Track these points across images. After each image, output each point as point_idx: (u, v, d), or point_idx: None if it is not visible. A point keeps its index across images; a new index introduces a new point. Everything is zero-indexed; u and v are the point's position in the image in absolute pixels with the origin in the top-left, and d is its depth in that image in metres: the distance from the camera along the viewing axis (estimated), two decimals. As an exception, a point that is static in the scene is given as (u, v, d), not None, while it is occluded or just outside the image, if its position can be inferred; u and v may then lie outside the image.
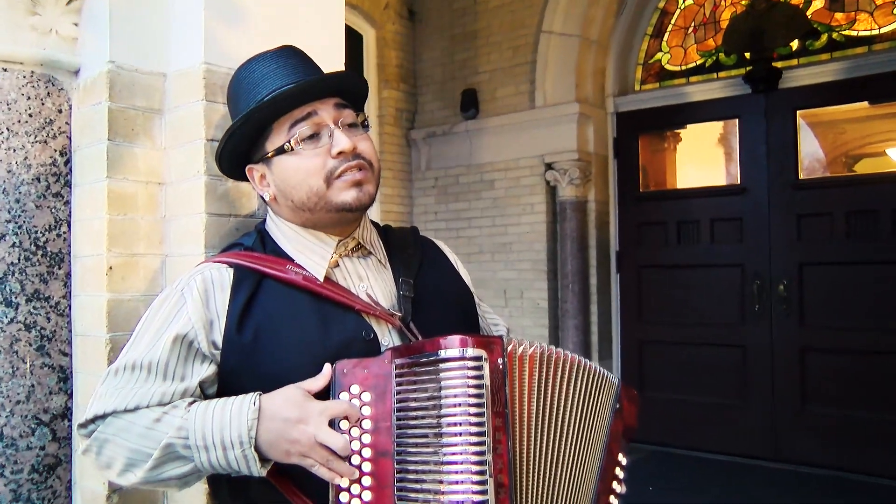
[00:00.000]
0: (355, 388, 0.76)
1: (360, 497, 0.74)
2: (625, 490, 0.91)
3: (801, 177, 3.26)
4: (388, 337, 0.85)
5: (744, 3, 3.41)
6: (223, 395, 0.80)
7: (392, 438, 0.74)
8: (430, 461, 0.72)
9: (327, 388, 0.77)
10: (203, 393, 0.81)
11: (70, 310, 1.09)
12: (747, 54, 3.31)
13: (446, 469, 0.72)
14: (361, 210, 0.87)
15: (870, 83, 3.07)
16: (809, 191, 3.24)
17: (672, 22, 3.70)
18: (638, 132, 3.74)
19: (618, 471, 0.90)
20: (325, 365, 0.77)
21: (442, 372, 0.74)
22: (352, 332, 0.83)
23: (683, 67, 3.65)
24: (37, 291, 1.06)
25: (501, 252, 3.78)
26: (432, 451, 0.72)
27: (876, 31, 3.13)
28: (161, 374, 0.78)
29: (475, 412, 0.72)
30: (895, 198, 3.01)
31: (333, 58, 1.19)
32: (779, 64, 3.29)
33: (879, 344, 3.01)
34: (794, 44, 3.29)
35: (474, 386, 0.73)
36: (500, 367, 0.75)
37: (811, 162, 3.37)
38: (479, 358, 0.74)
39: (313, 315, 0.82)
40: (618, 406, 0.91)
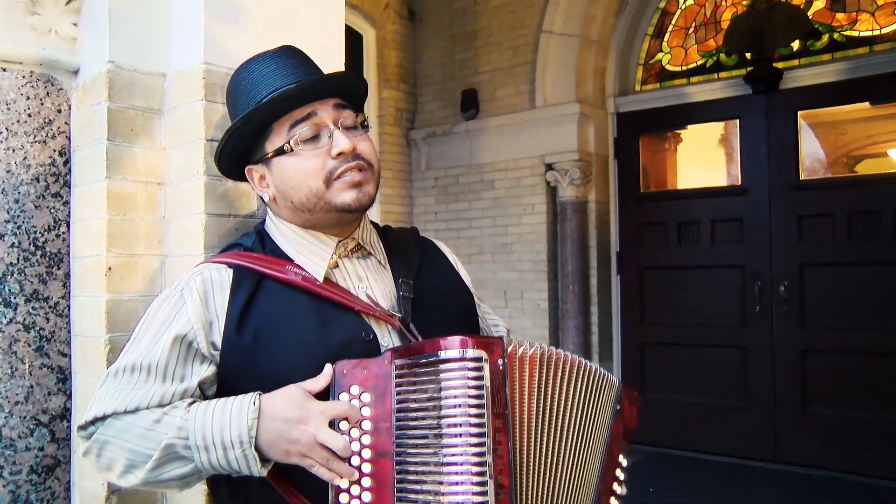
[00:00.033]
0: (355, 389, 0.76)
1: (359, 498, 0.73)
2: (625, 491, 0.91)
3: (801, 177, 3.26)
4: (387, 338, 0.85)
5: (744, 3, 3.41)
6: (222, 396, 0.79)
7: (392, 439, 0.74)
8: (429, 462, 0.72)
9: (327, 389, 0.77)
10: (202, 394, 0.81)
11: (69, 310, 1.09)
12: (748, 55, 3.30)
13: (446, 470, 0.72)
14: (361, 211, 0.87)
15: (871, 84, 3.06)
16: (810, 191, 3.24)
17: (673, 22, 3.70)
18: (638, 132, 3.74)
19: (618, 472, 0.90)
20: (326, 365, 0.77)
21: (442, 373, 0.74)
22: (351, 333, 0.82)
23: (684, 68, 3.65)
24: (36, 292, 1.06)
25: (502, 252, 3.78)
26: (432, 452, 0.72)
27: (877, 32, 3.13)
28: (160, 375, 0.78)
29: (475, 413, 0.72)
30: (896, 198, 3.01)
31: (333, 58, 1.19)
32: (780, 64, 3.28)
33: (880, 345, 3.01)
34: (795, 44, 3.29)
35: (474, 387, 0.73)
36: (501, 367, 0.75)
37: (812, 163, 3.37)
38: (479, 359, 0.74)
39: (313, 316, 0.82)
40: (618, 407, 0.91)
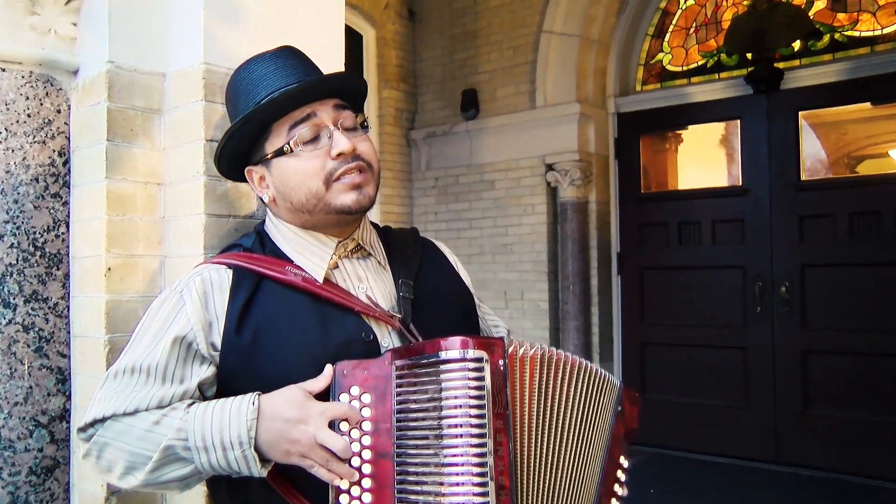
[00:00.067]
0: (355, 390, 0.76)
1: (360, 499, 0.73)
2: (626, 492, 0.90)
3: (802, 178, 3.25)
4: (387, 338, 0.84)
5: (745, 3, 3.41)
6: (222, 397, 0.79)
7: (392, 440, 0.74)
8: (430, 463, 0.72)
9: (328, 390, 0.76)
10: (202, 395, 0.81)
11: (68, 311, 1.09)
12: (749, 55, 3.30)
13: (447, 471, 0.71)
14: (361, 213, 0.87)
15: (872, 84, 3.06)
16: (811, 192, 3.23)
17: (673, 22, 3.69)
18: (639, 133, 3.73)
19: (619, 473, 0.90)
20: (326, 366, 0.77)
21: (443, 373, 0.74)
22: (351, 334, 0.82)
23: (685, 68, 3.64)
24: (35, 292, 1.06)
25: (502, 253, 3.77)
26: (433, 453, 0.72)
27: (878, 32, 3.12)
28: (160, 377, 0.78)
29: (476, 414, 0.72)
30: (897, 199, 3.01)
31: (333, 58, 1.19)
32: (780, 65, 3.28)
33: (882, 346, 3.00)
34: (796, 44, 3.29)
35: (475, 387, 0.73)
36: (501, 368, 0.75)
37: (813, 163, 3.36)
38: (480, 359, 0.74)
39: (312, 316, 0.82)
40: (619, 408, 0.91)
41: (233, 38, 1.06)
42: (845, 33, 3.20)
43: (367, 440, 0.74)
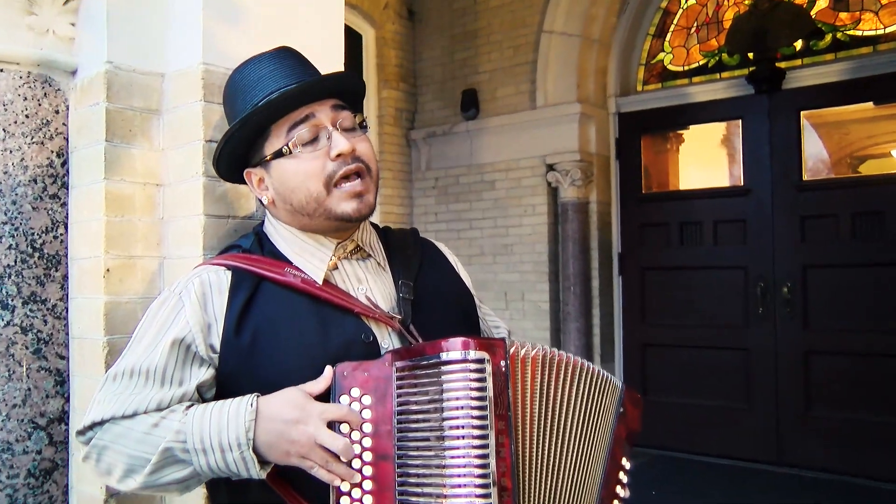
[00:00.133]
0: (355, 392, 0.75)
1: (360, 501, 0.73)
2: (628, 494, 0.90)
3: (804, 178, 3.25)
4: (387, 339, 0.84)
5: (747, 2, 3.40)
6: (222, 399, 0.79)
7: (393, 442, 0.73)
8: (431, 465, 0.72)
9: (328, 391, 0.76)
10: (201, 397, 0.80)
11: (67, 312, 1.09)
12: (750, 54, 3.29)
13: (449, 472, 0.71)
14: (361, 220, 0.87)
15: (874, 83, 3.05)
16: (813, 192, 3.22)
17: (674, 22, 3.69)
18: (640, 133, 3.72)
19: (621, 475, 0.89)
20: (326, 367, 0.77)
21: (444, 375, 0.73)
22: (351, 335, 0.82)
23: (686, 68, 3.63)
24: (33, 294, 1.05)
25: (502, 254, 3.77)
26: (434, 455, 0.72)
27: (881, 31, 3.11)
28: (159, 380, 0.78)
29: (478, 415, 0.72)
30: (900, 199, 3.00)
31: (333, 58, 1.19)
32: (782, 64, 3.27)
33: (884, 346, 2.99)
34: (798, 44, 3.28)
35: (476, 389, 0.72)
36: (503, 369, 0.75)
37: (815, 163, 3.36)
38: (481, 360, 0.73)
39: (312, 318, 0.82)
40: (621, 410, 0.90)
41: (232, 38, 1.06)
42: (847, 33, 3.19)
43: (367, 442, 0.74)
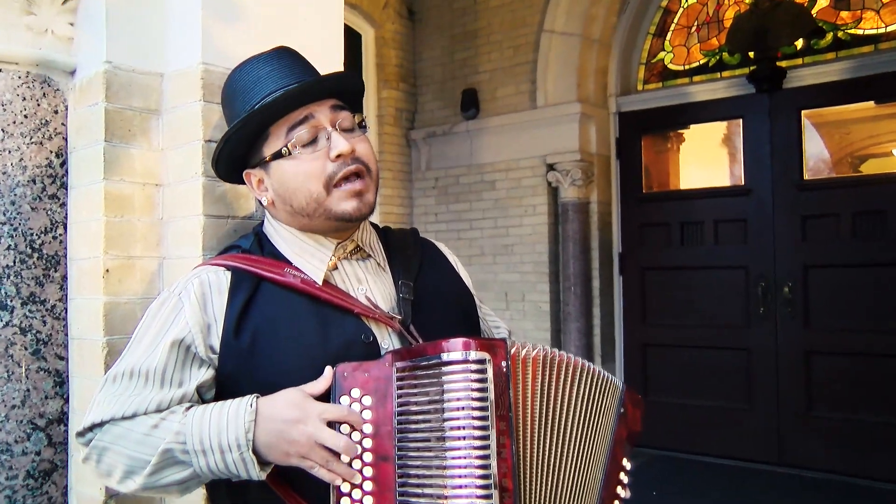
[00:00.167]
0: (356, 392, 0.75)
1: (361, 501, 0.73)
2: (629, 495, 0.90)
3: (805, 177, 3.24)
4: (387, 340, 0.84)
5: (747, 1, 3.39)
6: (221, 400, 0.79)
7: (393, 442, 0.73)
8: (432, 465, 0.72)
9: (328, 392, 0.76)
10: (201, 398, 0.80)
11: (66, 313, 1.08)
12: (751, 53, 3.29)
13: (449, 473, 0.71)
14: (361, 220, 0.87)
15: (875, 82, 3.04)
16: (814, 192, 3.22)
17: (675, 21, 3.68)
18: (641, 132, 3.72)
19: (622, 475, 0.89)
20: (326, 368, 0.76)
21: (444, 375, 0.73)
22: (351, 336, 0.82)
23: (686, 67, 3.63)
24: (32, 294, 1.05)
25: (503, 254, 3.76)
26: (434, 456, 0.72)
27: (882, 30, 3.11)
28: (158, 381, 0.78)
29: (479, 416, 0.72)
30: (901, 198, 2.99)
31: (332, 58, 1.18)
32: (783, 63, 3.27)
33: (886, 346, 2.99)
34: (799, 43, 3.27)
35: (478, 389, 0.72)
36: (504, 370, 0.75)
37: (816, 162, 3.35)
38: (482, 361, 0.73)
39: (312, 318, 0.81)
40: (622, 410, 0.90)
41: (231, 38, 1.06)
42: (848, 31, 3.19)
43: (367, 443, 0.74)
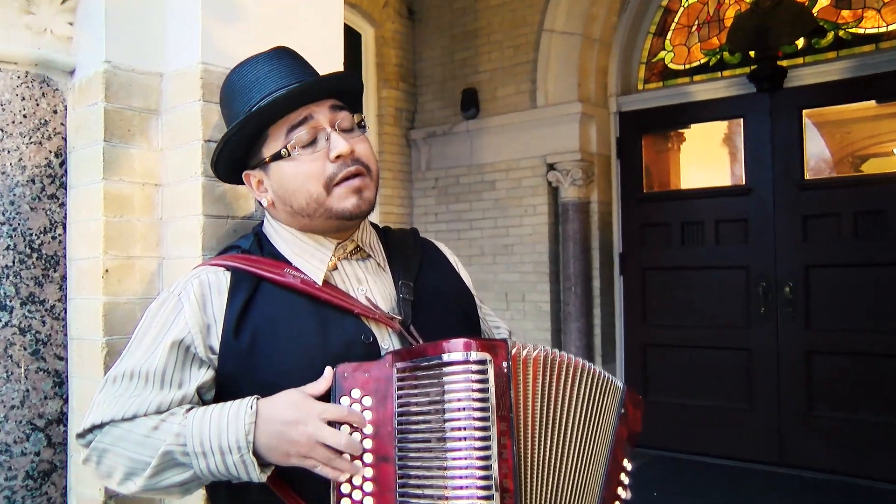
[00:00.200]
0: (356, 393, 0.75)
1: (361, 502, 0.72)
2: (630, 496, 0.90)
3: (806, 177, 3.23)
4: (387, 340, 0.83)
5: (748, 0, 3.39)
6: (221, 401, 0.79)
7: (394, 443, 0.73)
8: (433, 466, 0.71)
9: (328, 393, 0.76)
10: (200, 398, 0.80)
11: (65, 313, 1.08)
12: (752, 53, 3.28)
13: (450, 474, 0.71)
14: (361, 217, 0.86)
15: (877, 82, 3.04)
16: (815, 191, 3.21)
17: (675, 20, 3.68)
18: (641, 132, 3.71)
19: (622, 476, 0.89)
20: (326, 368, 0.76)
21: (445, 376, 0.73)
22: (351, 336, 0.81)
23: (687, 66, 3.62)
24: (32, 295, 1.05)
25: (503, 254, 3.76)
26: (435, 457, 0.72)
27: (883, 29, 3.10)
28: (158, 382, 0.77)
29: (479, 416, 0.72)
30: (902, 198, 2.98)
31: (332, 57, 1.18)
32: (784, 62, 3.26)
33: (887, 346, 2.98)
34: (800, 42, 3.27)
35: (479, 390, 0.72)
36: (505, 370, 0.74)
37: (817, 162, 3.35)
38: (483, 361, 0.73)
39: (312, 319, 0.81)
40: (623, 411, 0.90)
41: (231, 38, 1.05)
42: (850, 30, 3.18)
43: (367, 443, 0.73)
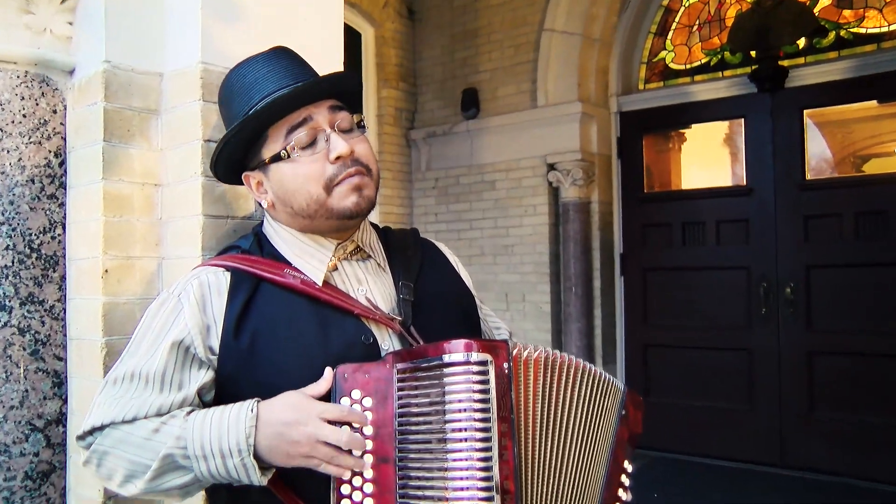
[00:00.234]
0: (356, 393, 0.75)
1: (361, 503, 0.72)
2: (630, 497, 0.90)
3: (808, 177, 3.23)
4: (388, 341, 0.83)
5: (749, 0, 3.38)
6: (220, 402, 0.79)
7: (394, 444, 0.73)
8: (433, 467, 0.71)
9: (328, 393, 0.76)
10: (200, 399, 0.80)
11: (65, 313, 1.08)
12: (753, 53, 3.28)
13: (451, 475, 0.71)
14: (361, 216, 0.86)
15: (878, 82, 3.03)
16: (817, 191, 3.20)
17: (676, 20, 3.67)
18: (642, 132, 3.71)
19: (623, 478, 0.89)
20: (326, 369, 0.76)
21: (446, 377, 0.73)
22: (351, 337, 0.81)
23: (688, 66, 3.62)
24: (31, 295, 1.05)
25: (503, 254, 3.75)
26: (435, 458, 0.71)
27: (885, 29, 3.09)
28: (158, 384, 0.77)
29: (480, 417, 0.71)
30: (904, 198, 2.98)
31: (332, 57, 1.18)
32: (785, 62, 3.26)
33: (888, 347, 2.98)
34: (801, 42, 3.26)
35: (479, 391, 0.72)
36: (506, 371, 0.74)
37: (818, 162, 3.34)
38: (484, 362, 0.73)
39: (312, 319, 0.81)
40: (623, 412, 0.90)
41: (231, 37, 1.05)
42: (851, 30, 3.17)
43: (368, 444, 0.73)
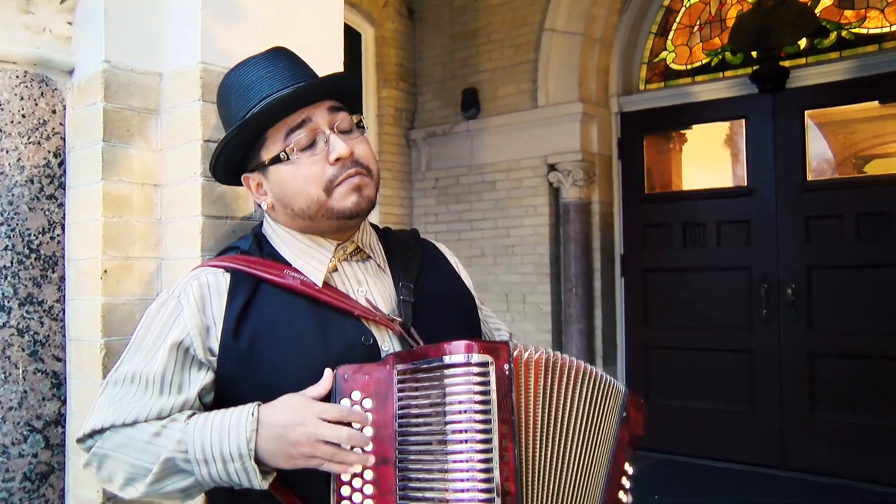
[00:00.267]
0: (356, 395, 0.75)
1: (361, 505, 0.72)
2: (631, 499, 0.89)
3: (809, 178, 3.22)
4: (388, 342, 0.83)
5: (750, 0, 3.38)
6: (220, 403, 0.79)
7: (394, 445, 0.73)
8: (433, 469, 0.71)
9: (328, 395, 0.75)
10: (200, 400, 0.80)
11: (64, 314, 1.08)
12: (754, 53, 3.27)
13: (451, 477, 0.71)
14: (361, 216, 0.86)
15: (879, 82, 3.03)
16: (818, 192, 3.20)
17: (677, 20, 3.67)
18: (643, 132, 3.71)
19: (624, 479, 0.89)
20: (326, 370, 0.76)
21: (446, 378, 0.73)
22: (351, 338, 0.81)
23: (689, 66, 3.62)
24: (30, 295, 1.04)
25: (503, 255, 3.75)
26: (435, 459, 0.71)
27: (886, 29, 3.09)
28: (158, 386, 0.77)
29: (481, 419, 0.71)
30: (905, 199, 2.97)
31: (332, 57, 1.17)
32: (786, 63, 3.25)
33: (890, 348, 2.97)
34: (802, 42, 3.26)
35: (480, 392, 0.72)
36: (507, 373, 0.74)
37: (820, 163, 3.34)
38: (485, 364, 0.73)
39: (311, 320, 0.81)
40: (624, 414, 0.90)
41: (230, 38, 1.05)
42: (852, 31, 3.17)
43: (368, 446, 0.73)
